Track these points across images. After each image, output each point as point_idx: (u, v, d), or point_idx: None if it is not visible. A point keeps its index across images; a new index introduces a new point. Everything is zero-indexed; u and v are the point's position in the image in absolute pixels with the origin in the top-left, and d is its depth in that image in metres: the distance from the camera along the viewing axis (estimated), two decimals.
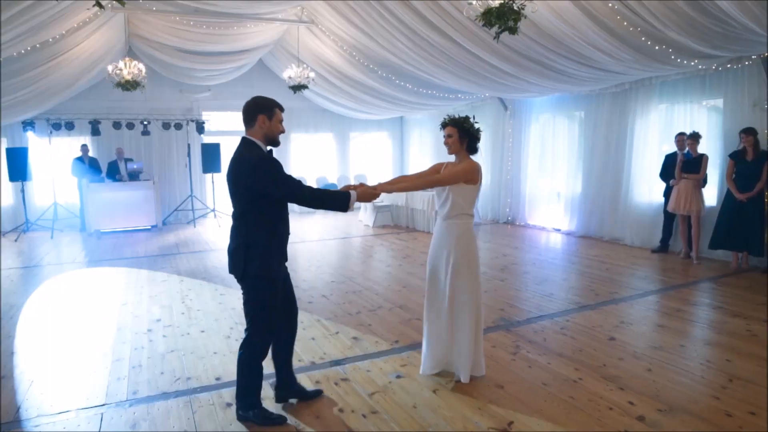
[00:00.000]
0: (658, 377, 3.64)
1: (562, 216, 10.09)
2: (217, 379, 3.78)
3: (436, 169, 3.75)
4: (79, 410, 3.36)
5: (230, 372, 3.88)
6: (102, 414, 3.31)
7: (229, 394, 3.51)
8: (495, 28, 4.44)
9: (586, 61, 7.04)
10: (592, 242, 8.95)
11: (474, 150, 3.60)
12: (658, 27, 5.67)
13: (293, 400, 3.40)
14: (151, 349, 4.40)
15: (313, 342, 4.45)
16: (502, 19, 4.28)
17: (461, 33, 7.24)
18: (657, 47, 6.12)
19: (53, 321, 5.24)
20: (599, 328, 4.68)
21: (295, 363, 3.96)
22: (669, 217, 7.78)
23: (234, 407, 3.25)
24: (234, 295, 5.96)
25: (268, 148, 3.08)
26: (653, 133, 8.34)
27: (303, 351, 4.24)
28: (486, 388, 3.51)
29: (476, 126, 3.56)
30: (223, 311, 5.40)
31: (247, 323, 3.11)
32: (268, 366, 3.22)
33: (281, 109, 3.12)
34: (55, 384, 3.77)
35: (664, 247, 7.94)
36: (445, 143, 3.61)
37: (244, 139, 3.07)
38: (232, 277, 6.05)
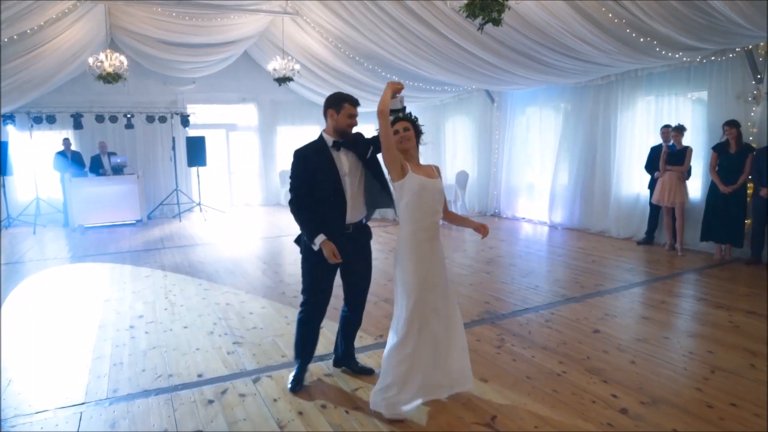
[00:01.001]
0: (641, 369, 3.66)
1: (548, 208, 10.11)
2: (199, 375, 3.73)
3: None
4: (57, 409, 3.30)
5: (212, 368, 3.84)
6: (81, 413, 3.25)
7: (211, 390, 3.48)
8: (479, 20, 4.40)
9: (571, 52, 7.03)
10: (578, 234, 8.98)
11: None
12: (643, 19, 5.66)
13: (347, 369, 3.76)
14: (133, 346, 4.33)
15: None
16: (486, 11, 4.23)
17: (447, 25, 7.19)
18: (642, 39, 6.12)
19: (34, 318, 5.14)
20: (584, 320, 4.69)
21: (279, 359, 3.96)
22: (654, 209, 7.82)
23: (214, 404, 3.24)
24: (218, 291, 5.91)
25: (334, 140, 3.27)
26: (639, 125, 8.37)
27: (286, 347, 4.20)
28: None
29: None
30: (206, 307, 5.33)
31: None
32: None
33: (352, 104, 3.26)
34: (34, 383, 3.69)
35: (649, 239, 7.98)
36: (404, 138, 3.06)
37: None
38: (217, 271, 6.13)
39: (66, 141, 10.94)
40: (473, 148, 11.93)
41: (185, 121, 12.30)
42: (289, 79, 10.20)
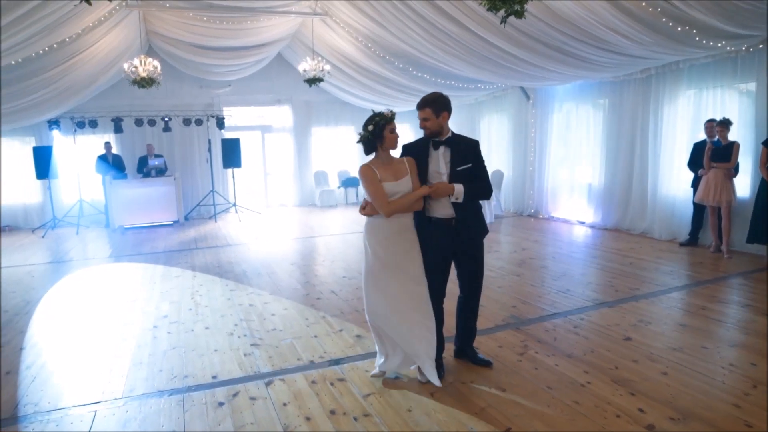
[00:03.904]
0: (673, 382, 3.40)
1: (586, 208, 9.75)
2: (214, 377, 3.72)
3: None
4: (75, 407, 3.35)
5: (227, 370, 3.83)
6: (96, 412, 3.29)
7: (223, 393, 3.46)
8: (501, 12, 4.23)
9: (604, 45, 6.70)
10: (617, 235, 8.60)
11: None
12: (679, 6, 5.32)
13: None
14: (154, 345, 4.38)
15: (315, 340, 4.36)
16: (508, 3, 4.06)
17: (475, 21, 7.01)
18: (679, 28, 5.76)
19: (65, 317, 5.29)
20: (615, 327, 4.44)
21: (294, 362, 3.91)
22: (698, 209, 7.39)
23: (224, 407, 3.22)
24: (243, 292, 5.93)
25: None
26: (681, 121, 7.93)
27: (303, 349, 4.15)
28: (486, 391, 3.35)
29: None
30: (230, 307, 5.36)
31: None
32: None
33: (417, 107, 3.50)
34: (56, 381, 3.77)
35: (693, 240, 7.55)
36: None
37: None
38: (244, 272, 6.19)
39: (107, 145, 11.30)
40: (509, 146, 11.65)
41: (221, 124, 12.52)
42: (320, 79, 10.19)
